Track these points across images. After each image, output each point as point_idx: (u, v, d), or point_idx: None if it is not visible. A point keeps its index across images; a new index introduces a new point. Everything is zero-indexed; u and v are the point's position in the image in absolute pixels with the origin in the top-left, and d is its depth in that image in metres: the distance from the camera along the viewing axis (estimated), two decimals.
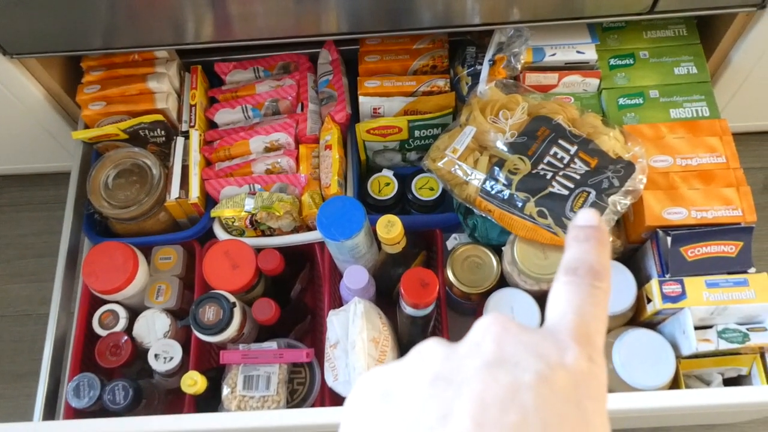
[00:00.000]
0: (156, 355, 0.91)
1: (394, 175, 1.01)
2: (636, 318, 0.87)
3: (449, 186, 0.88)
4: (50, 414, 0.91)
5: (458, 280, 0.88)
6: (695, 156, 0.87)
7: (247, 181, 0.95)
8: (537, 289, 0.86)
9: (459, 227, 0.95)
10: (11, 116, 1.07)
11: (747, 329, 0.78)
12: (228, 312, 0.86)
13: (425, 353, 0.27)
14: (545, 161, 0.84)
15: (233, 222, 0.94)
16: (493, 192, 0.84)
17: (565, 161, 0.84)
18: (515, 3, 0.86)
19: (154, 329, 0.93)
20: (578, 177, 0.82)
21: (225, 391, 0.86)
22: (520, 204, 0.82)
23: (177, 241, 0.99)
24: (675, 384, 0.82)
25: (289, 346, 0.91)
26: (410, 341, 0.90)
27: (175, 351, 0.91)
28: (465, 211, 0.92)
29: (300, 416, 0.77)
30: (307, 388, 0.91)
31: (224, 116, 1.03)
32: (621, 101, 0.94)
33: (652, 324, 0.86)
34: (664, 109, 0.93)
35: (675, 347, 0.81)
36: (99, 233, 0.99)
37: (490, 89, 0.91)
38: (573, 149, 0.85)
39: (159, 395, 0.93)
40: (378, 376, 0.27)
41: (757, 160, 1.30)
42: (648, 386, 0.79)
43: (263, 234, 0.97)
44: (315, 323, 1.01)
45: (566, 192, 0.82)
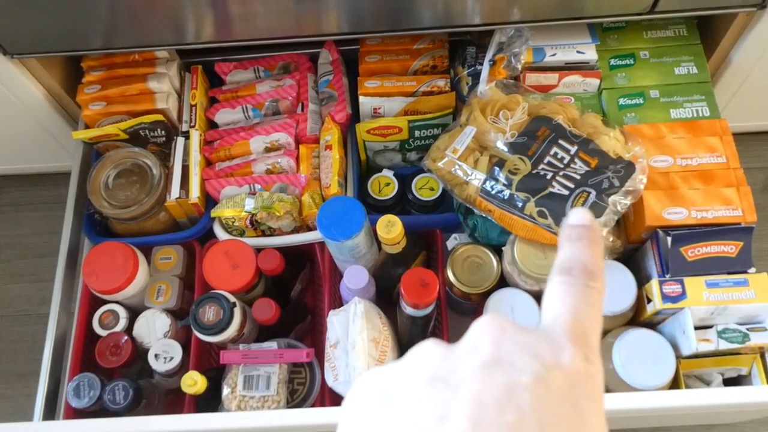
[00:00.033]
0: (156, 355, 0.91)
1: (395, 175, 1.01)
2: (636, 318, 0.87)
3: (449, 186, 0.88)
4: (50, 414, 0.91)
5: (458, 280, 0.88)
6: (695, 156, 0.87)
7: (248, 181, 0.95)
8: (537, 289, 0.86)
9: (459, 227, 0.95)
10: (11, 116, 1.07)
11: (747, 329, 0.78)
12: (228, 312, 0.86)
13: (422, 354, 0.27)
14: (545, 161, 0.84)
15: (233, 222, 0.94)
16: (494, 192, 0.84)
17: (566, 161, 0.84)
18: (515, 3, 0.86)
19: (155, 329, 0.94)
20: (578, 177, 0.82)
21: (225, 391, 0.86)
22: (521, 204, 0.82)
23: (177, 241, 1.00)
24: (675, 384, 0.82)
25: (289, 346, 0.91)
26: (410, 341, 0.90)
27: (176, 351, 0.91)
28: (465, 211, 0.92)
29: (300, 416, 0.77)
30: (308, 388, 0.91)
31: (224, 116, 1.04)
32: (621, 101, 0.94)
33: (652, 324, 0.86)
34: (665, 109, 0.93)
35: (675, 347, 0.81)
36: (99, 233, 0.99)
37: (491, 89, 0.91)
38: (573, 149, 0.85)
39: (159, 395, 0.93)
40: (375, 377, 0.27)
41: (757, 160, 1.30)
42: (648, 386, 0.79)
43: (263, 234, 0.97)
44: (315, 323, 1.01)
45: (566, 192, 0.82)
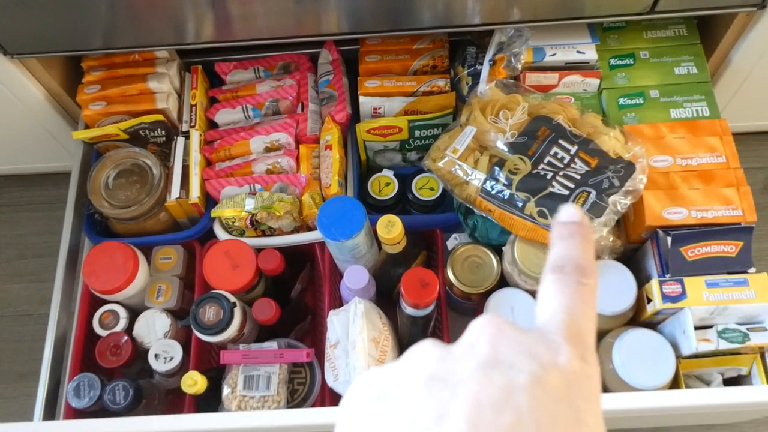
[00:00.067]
0: (156, 355, 0.91)
1: (395, 175, 1.01)
2: (636, 318, 0.87)
3: (449, 186, 0.88)
4: (50, 414, 0.91)
5: (458, 280, 0.88)
6: (695, 156, 0.87)
7: (248, 181, 0.95)
8: (537, 289, 0.85)
9: (459, 227, 0.95)
10: (12, 116, 1.07)
11: (747, 329, 0.78)
12: (228, 312, 0.86)
13: (420, 354, 0.27)
14: (545, 161, 0.84)
15: (233, 222, 0.94)
16: (494, 192, 0.84)
17: (566, 161, 0.84)
18: (515, 3, 0.86)
19: (155, 329, 0.94)
20: (578, 177, 0.82)
21: (225, 391, 0.86)
22: (521, 204, 0.82)
23: (177, 241, 1.00)
24: (675, 384, 0.82)
25: (290, 346, 0.91)
26: (410, 341, 0.90)
27: (176, 351, 0.91)
28: (465, 211, 0.92)
29: (300, 416, 0.77)
30: (308, 388, 0.91)
31: (224, 116, 1.04)
32: (621, 101, 0.94)
33: (652, 324, 0.86)
34: (665, 109, 0.93)
35: (675, 347, 0.81)
36: (99, 233, 0.99)
37: (491, 89, 0.91)
38: (573, 149, 0.85)
39: (159, 395, 0.93)
40: (373, 377, 0.27)
41: (757, 160, 1.30)
42: (648, 386, 0.79)
43: (263, 234, 0.97)
44: (315, 323, 1.01)
45: (566, 192, 0.82)
